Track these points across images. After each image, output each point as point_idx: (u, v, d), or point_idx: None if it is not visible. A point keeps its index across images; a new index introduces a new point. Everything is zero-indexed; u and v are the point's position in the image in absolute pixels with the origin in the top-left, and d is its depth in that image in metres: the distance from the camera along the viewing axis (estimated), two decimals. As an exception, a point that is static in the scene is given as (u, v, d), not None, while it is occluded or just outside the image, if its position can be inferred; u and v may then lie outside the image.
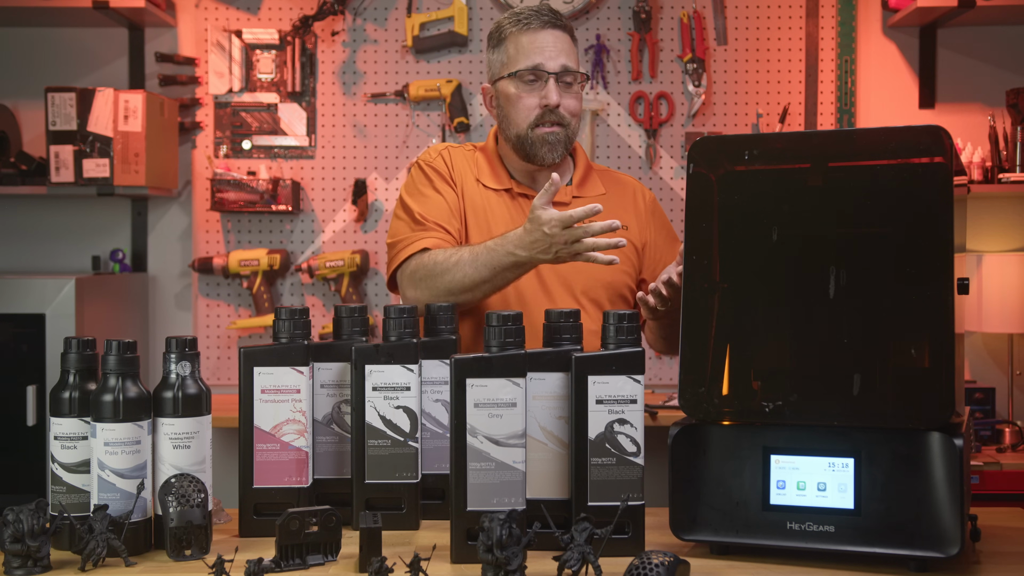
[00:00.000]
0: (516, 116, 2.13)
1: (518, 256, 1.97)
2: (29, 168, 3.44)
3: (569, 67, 2.13)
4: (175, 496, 1.57)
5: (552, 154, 2.13)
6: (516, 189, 2.19)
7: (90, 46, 3.70)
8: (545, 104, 2.10)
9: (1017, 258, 3.43)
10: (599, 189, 2.23)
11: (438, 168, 2.19)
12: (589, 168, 2.26)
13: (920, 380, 1.49)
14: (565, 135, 2.14)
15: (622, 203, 2.23)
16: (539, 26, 2.13)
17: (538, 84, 2.12)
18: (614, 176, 2.31)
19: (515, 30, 2.14)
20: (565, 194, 2.19)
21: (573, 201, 2.18)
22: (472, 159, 2.22)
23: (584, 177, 2.23)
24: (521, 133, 2.13)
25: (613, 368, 1.58)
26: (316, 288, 3.69)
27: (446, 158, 2.21)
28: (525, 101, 2.12)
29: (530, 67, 2.11)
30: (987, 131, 3.48)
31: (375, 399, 1.70)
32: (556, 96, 2.10)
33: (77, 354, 1.64)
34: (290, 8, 3.67)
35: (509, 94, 2.14)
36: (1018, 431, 3.37)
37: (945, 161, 1.51)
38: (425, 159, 2.22)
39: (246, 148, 3.67)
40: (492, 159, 2.22)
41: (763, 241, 1.58)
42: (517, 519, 1.43)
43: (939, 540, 1.47)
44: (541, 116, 2.11)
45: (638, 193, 2.28)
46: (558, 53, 2.12)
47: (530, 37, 2.13)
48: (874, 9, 3.66)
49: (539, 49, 2.12)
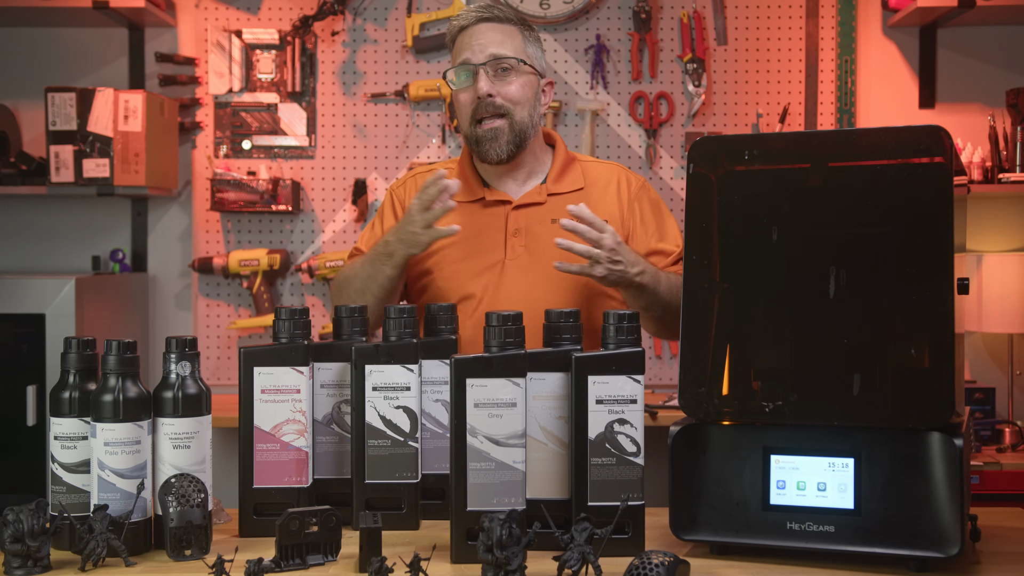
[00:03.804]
0: (460, 115, 2.15)
1: (387, 243, 2.05)
2: (29, 168, 3.44)
3: (497, 54, 2.10)
4: (175, 496, 1.57)
5: (495, 150, 2.10)
6: (489, 197, 2.17)
7: (90, 46, 3.70)
8: (477, 96, 2.09)
9: (1017, 258, 3.43)
10: (577, 184, 2.18)
11: (393, 202, 2.23)
12: (569, 162, 2.21)
13: (920, 380, 1.49)
14: (508, 125, 2.10)
15: (604, 196, 2.18)
16: (471, 21, 2.13)
17: (471, 79, 2.11)
18: (599, 167, 2.25)
19: (455, 32, 2.16)
20: (540, 193, 2.16)
21: (548, 199, 2.16)
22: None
23: (561, 172, 2.19)
24: (467, 132, 2.13)
25: (613, 368, 1.58)
26: (316, 288, 3.69)
27: (399, 195, 2.23)
28: (461, 98, 2.12)
29: (460, 63, 2.11)
30: (987, 131, 3.48)
31: (375, 399, 1.70)
32: (486, 86, 2.08)
33: (77, 354, 1.64)
34: (290, 8, 3.67)
35: (453, 95, 2.15)
36: (1018, 431, 3.37)
37: (945, 161, 1.51)
38: (392, 188, 2.27)
39: (246, 148, 3.67)
40: (464, 171, 2.21)
41: (763, 241, 1.58)
42: (517, 519, 1.43)
43: (939, 540, 1.47)
44: (476, 109, 2.10)
45: (623, 182, 2.22)
46: (487, 44, 2.10)
47: (465, 34, 2.13)
48: (874, 9, 3.66)
49: (468, 44, 2.12)
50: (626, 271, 1.96)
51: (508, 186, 2.18)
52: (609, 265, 1.94)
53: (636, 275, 1.98)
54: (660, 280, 2.03)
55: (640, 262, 2.01)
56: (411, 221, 2.02)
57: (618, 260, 1.95)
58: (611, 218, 2.16)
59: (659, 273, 2.05)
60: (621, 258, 1.95)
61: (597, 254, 1.93)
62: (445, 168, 2.23)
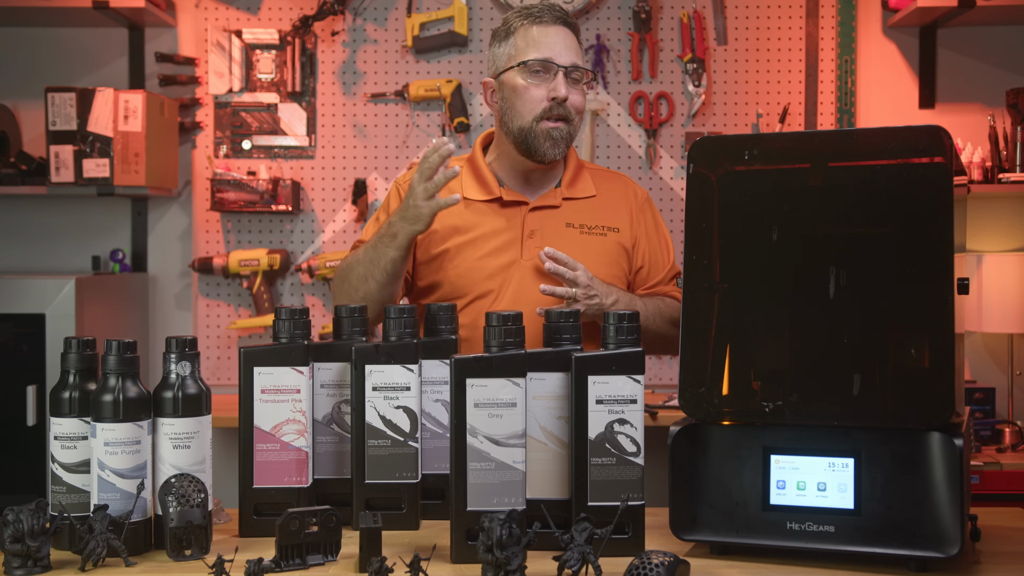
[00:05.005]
0: (522, 107, 2.11)
1: (391, 224, 2.04)
2: (29, 168, 3.44)
3: (579, 64, 2.12)
4: (175, 496, 1.57)
5: (555, 150, 2.11)
6: (506, 197, 2.16)
7: (90, 46, 3.70)
8: (553, 97, 2.09)
9: (1017, 258, 3.43)
10: (590, 190, 2.21)
11: (400, 197, 2.21)
12: (580, 168, 2.24)
13: (920, 380, 1.49)
14: (568, 132, 2.12)
15: (613, 203, 2.21)
16: (550, 21, 2.13)
17: (547, 77, 2.10)
18: (607, 175, 2.29)
19: (525, 23, 2.13)
20: (555, 196, 2.17)
21: (564, 203, 2.17)
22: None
23: (574, 177, 2.21)
24: (525, 125, 2.11)
25: (613, 368, 1.58)
26: (316, 288, 3.69)
27: (405, 188, 2.21)
28: (533, 92, 2.10)
29: (541, 59, 2.10)
30: (987, 131, 3.48)
31: (375, 399, 1.70)
32: (565, 89, 2.09)
33: (77, 354, 1.64)
34: (290, 8, 3.67)
35: (516, 85, 2.12)
36: (1018, 431, 3.37)
37: (945, 161, 1.51)
38: (397, 181, 2.26)
39: (246, 148, 3.67)
40: (477, 169, 2.20)
41: (763, 241, 1.58)
42: (517, 519, 1.43)
43: (939, 540, 1.47)
44: (548, 109, 2.09)
45: (630, 191, 2.26)
46: (567, 49, 2.12)
47: (541, 30, 2.12)
48: (874, 9, 3.67)
49: (550, 43, 2.11)
50: (602, 302, 2.03)
51: (524, 188, 2.19)
52: (586, 301, 2.02)
53: (611, 304, 2.04)
54: (636, 306, 2.07)
55: (613, 292, 2.07)
56: (412, 195, 2.01)
57: (593, 294, 2.03)
58: (620, 226, 2.18)
59: (636, 300, 2.11)
60: (596, 291, 2.03)
61: (574, 293, 2.02)
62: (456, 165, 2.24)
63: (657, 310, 2.12)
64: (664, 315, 2.13)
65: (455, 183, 2.18)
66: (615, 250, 2.17)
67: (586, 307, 2.01)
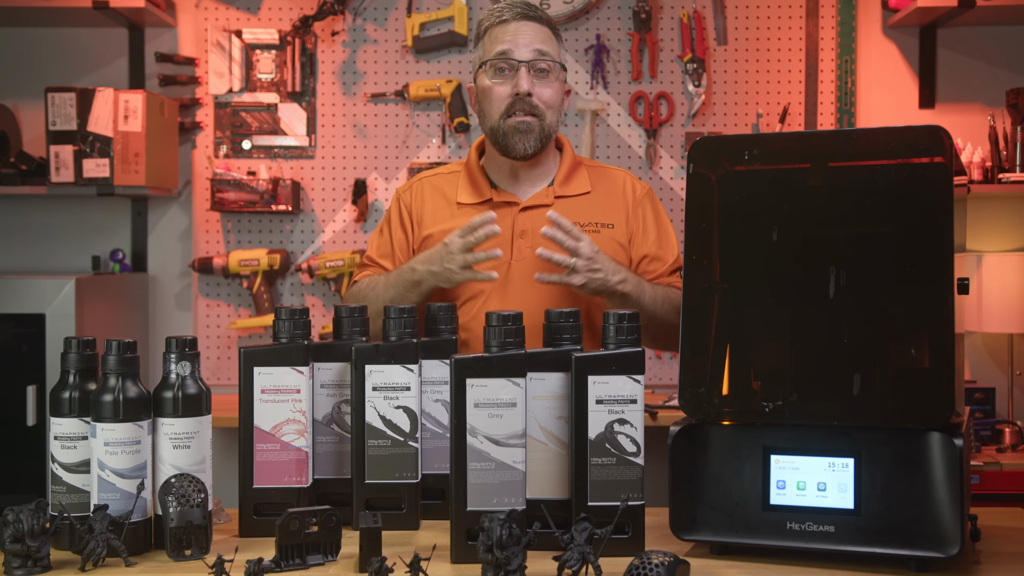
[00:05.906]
0: (489, 107, 2.13)
1: (415, 271, 2.04)
2: (29, 168, 3.44)
3: (542, 54, 2.11)
4: (175, 496, 1.57)
5: (524, 144, 2.11)
6: (496, 199, 2.17)
7: (90, 46, 3.70)
8: (516, 92, 2.09)
9: (1017, 258, 3.43)
10: (584, 187, 2.20)
11: (400, 208, 2.22)
12: (576, 165, 2.23)
13: (920, 380, 1.49)
14: (539, 125, 2.11)
15: (608, 200, 2.20)
16: (511, 17, 2.13)
17: (510, 74, 2.11)
18: (603, 171, 2.27)
19: (491, 23, 2.16)
20: (547, 195, 2.17)
21: (556, 202, 2.16)
22: (452, 182, 2.22)
23: (569, 175, 2.20)
24: (494, 124, 2.12)
25: (613, 368, 1.58)
26: (316, 288, 3.69)
27: (406, 200, 2.23)
28: (497, 91, 2.12)
29: (499, 53, 2.11)
30: (987, 131, 3.48)
31: (375, 399, 1.70)
32: (526, 84, 2.09)
33: (77, 354, 1.64)
34: (290, 8, 3.67)
35: (484, 86, 2.14)
36: (1018, 431, 3.37)
37: (945, 161, 1.51)
38: (397, 192, 2.26)
39: (246, 148, 3.67)
40: (472, 173, 2.21)
41: (763, 241, 1.58)
42: (517, 519, 1.43)
43: (939, 540, 1.47)
44: (512, 105, 2.10)
45: (628, 187, 2.24)
46: (530, 42, 2.11)
47: (503, 28, 2.13)
48: (874, 9, 3.67)
49: (510, 39, 2.12)
50: (607, 279, 1.98)
51: (515, 188, 2.19)
52: (588, 273, 1.97)
53: (618, 283, 2.00)
54: (645, 290, 2.05)
55: (622, 271, 2.03)
56: (450, 258, 1.99)
57: (597, 268, 1.97)
58: (615, 222, 2.17)
59: (644, 284, 2.07)
60: (600, 266, 1.98)
61: (574, 263, 1.96)
62: (451, 171, 2.25)
63: (665, 296, 2.09)
64: (672, 302, 2.10)
65: (450, 188, 2.20)
66: (610, 246, 2.16)
67: (588, 279, 1.97)
